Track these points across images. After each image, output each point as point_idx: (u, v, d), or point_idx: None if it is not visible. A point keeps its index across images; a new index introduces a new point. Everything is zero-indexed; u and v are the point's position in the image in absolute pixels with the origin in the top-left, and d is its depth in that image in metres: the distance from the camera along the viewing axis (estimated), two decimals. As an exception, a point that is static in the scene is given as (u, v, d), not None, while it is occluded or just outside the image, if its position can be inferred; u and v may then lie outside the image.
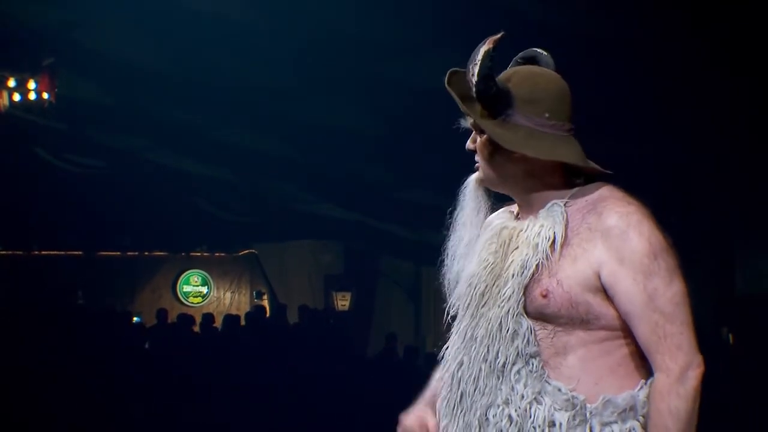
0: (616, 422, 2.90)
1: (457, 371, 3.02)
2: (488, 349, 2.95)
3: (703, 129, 9.21)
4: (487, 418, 2.95)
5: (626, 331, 2.92)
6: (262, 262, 20.13)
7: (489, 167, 3.03)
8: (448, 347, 3.12)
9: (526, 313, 2.94)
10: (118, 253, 19.49)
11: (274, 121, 11.74)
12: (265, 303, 19.62)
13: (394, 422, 3.28)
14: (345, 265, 19.35)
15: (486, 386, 2.95)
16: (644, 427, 2.89)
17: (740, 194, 10.86)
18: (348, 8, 8.31)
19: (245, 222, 18.15)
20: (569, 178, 3.04)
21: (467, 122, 3.06)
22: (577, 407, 2.88)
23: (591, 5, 7.40)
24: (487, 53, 2.88)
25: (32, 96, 11.37)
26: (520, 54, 3.11)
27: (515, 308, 2.93)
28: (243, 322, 14.29)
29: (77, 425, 10.18)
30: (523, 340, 2.92)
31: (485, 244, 3.07)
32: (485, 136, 2.99)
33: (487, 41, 2.90)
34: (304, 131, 11.87)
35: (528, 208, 3.05)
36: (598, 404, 2.89)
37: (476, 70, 2.89)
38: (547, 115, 2.97)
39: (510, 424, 2.91)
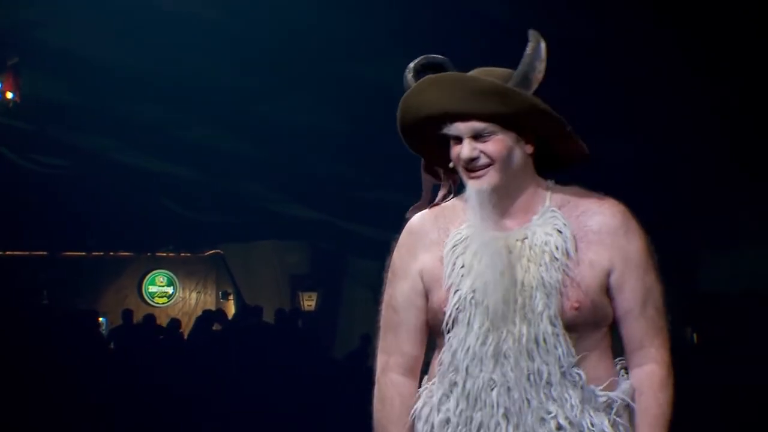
0: (625, 412, 2.99)
1: (491, 392, 2.96)
2: (528, 366, 2.94)
3: (671, 128, 9.28)
4: None
5: (611, 325, 3.04)
6: (228, 263, 20.08)
7: (505, 167, 2.98)
8: (451, 366, 3.03)
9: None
10: (83, 253, 19.39)
11: (240, 121, 11.72)
12: (231, 303, 19.60)
13: (361, 423, 3.28)
14: (311, 265, 19.33)
15: (532, 402, 2.93)
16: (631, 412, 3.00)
17: (706, 193, 10.93)
18: (313, 8, 8.32)
19: (211, 222, 18.10)
20: (540, 179, 3.09)
21: (457, 129, 2.98)
22: (612, 407, 2.97)
23: (558, 6, 7.44)
24: (546, 50, 2.96)
25: (-4, 96, 11.30)
26: (422, 61, 3.12)
27: (554, 321, 2.94)
28: (208, 323, 14.25)
29: (41, 426, 10.12)
30: (563, 352, 2.94)
31: (475, 258, 3.00)
32: (499, 135, 2.96)
33: (540, 39, 2.96)
34: (271, 131, 11.86)
35: (512, 215, 3.05)
36: (622, 396, 2.99)
37: (543, 66, 2.96)
38: None
39: None
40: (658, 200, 11.05)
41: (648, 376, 2.98)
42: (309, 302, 18.96)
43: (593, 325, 2.98)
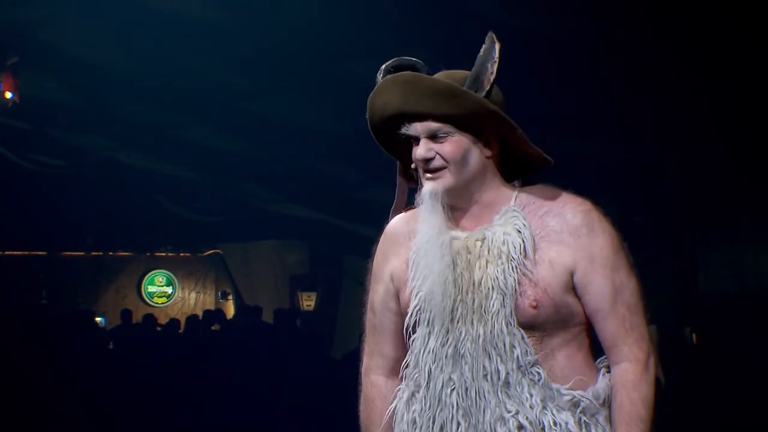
0: (600, 411, 2.99)
1: (450, 392, 2.99)
2: (485, 365, 2.95)
3: (671, 128, 9.27)
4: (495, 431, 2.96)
5: (588, 323, 3.02)
6: (227, 262, 20.08)
7: (459, 169, 3.00)
8: (416, 367, 3.07)
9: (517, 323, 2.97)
10: (82, 253, 19.39)
11: (239, 121, 11.70)
12: (230, 303, 19.59)
13: (359, 423, 3.29)
14: (311, 264, 19.33)
15: (490, 402, 2.95)
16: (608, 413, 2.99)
17: (702, 194, 10.92)
18: (311, 7, 8.31)
19: (210, 222, 18.09)
20: (506, 180, 3.09)
21: (415, 129, 3.02)
22: (578, 405, 2.96)
23: (558, 6, 7.43)
24: (500, 52, 2.93)
25: (-5, 96, 11.27)
26: (393, 63, 3.15)
27: (509, 321, 2.94)
28: (208, 323, 14.24)
29: (39, 426, 10.12)
30: (521, 351, 2.95)
31: (434, 259, 3.02)
32: (455, 137, 2.98)
33: (495, 40, 2.94)
34: (270, 131, 11.84)
35: (474, 216, 3.06)
36: (589, 396, 2.98)
37: (496, 67, 2.93)
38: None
39: None
40: (658, 200, 11.05)
41: (622, 375, 2.97)
42: (308, 302, 18.95)
43: (559, 324, 2.97)
